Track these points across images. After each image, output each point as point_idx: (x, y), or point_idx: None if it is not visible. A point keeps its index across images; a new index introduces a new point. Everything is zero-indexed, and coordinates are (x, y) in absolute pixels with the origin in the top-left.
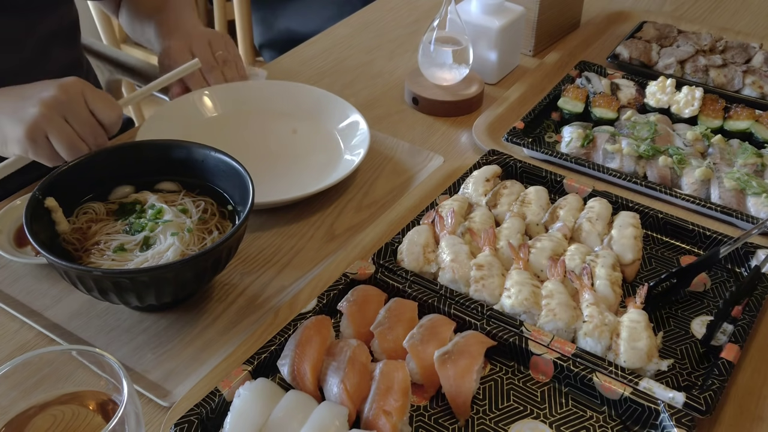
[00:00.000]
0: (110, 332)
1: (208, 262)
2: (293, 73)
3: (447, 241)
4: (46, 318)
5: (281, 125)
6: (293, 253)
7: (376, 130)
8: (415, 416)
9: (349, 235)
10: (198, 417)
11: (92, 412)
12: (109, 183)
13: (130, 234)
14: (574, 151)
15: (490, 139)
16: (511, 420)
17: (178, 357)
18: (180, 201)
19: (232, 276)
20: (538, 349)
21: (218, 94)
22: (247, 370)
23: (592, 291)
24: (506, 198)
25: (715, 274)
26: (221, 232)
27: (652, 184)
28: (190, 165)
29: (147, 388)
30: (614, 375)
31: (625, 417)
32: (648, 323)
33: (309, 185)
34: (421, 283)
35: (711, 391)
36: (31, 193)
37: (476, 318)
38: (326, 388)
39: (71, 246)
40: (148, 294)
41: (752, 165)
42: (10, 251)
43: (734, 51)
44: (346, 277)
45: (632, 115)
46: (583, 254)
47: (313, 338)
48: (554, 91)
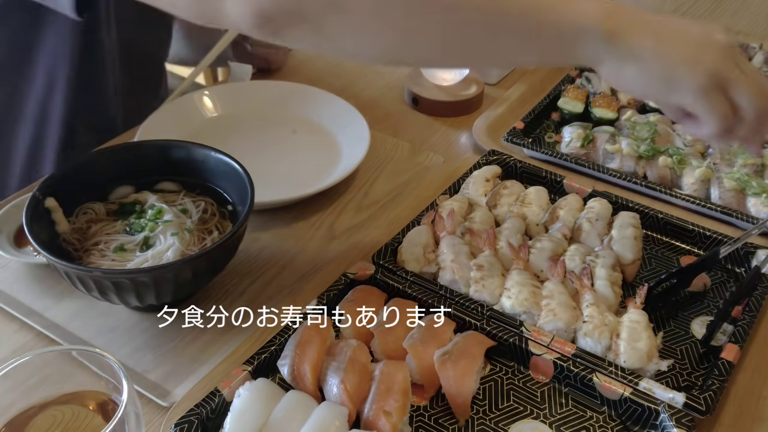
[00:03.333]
0: (110, 332)
1: (208, 262)
2: (293, 73)
3: (447, 242)
4: (46, 318)
5: (281, 125)
6: (293, 254)
7: (376, 130)
8: (415, 416)
9: (349, 235)
10: (198, 417)
11: (92, 412)
12: (109, 183)
13: (130, 234)
14: (574, 151)
15: (490, 140)
16: (511, 420)
17: (178, 357)
18: (180, 201)
19: (232, 276)
20: (538, 350)
21: (218, 94)
22: (247, 370)
23: (592, 291)
24: (506, 198)
25: (715, 274)
26: (221, 232)
27: (652, 185)
28: (190, 165)
29: (147, 388)
30: (614, 375)
31: (625, 417)
32: (648, 323)
33: (309, 185)
34: (421, 284)
35: (711, 391)
36: (31, 193)
37: (476, 318)
38: (326, 388)
39: (71, 246)
40: (148, 294)
41: (752, 165)
42: (10, 251)
43: None
44: (346, 277)
45: (632, 116)
46: (583, 254)
47: (313, 338)
48: (554, 92)
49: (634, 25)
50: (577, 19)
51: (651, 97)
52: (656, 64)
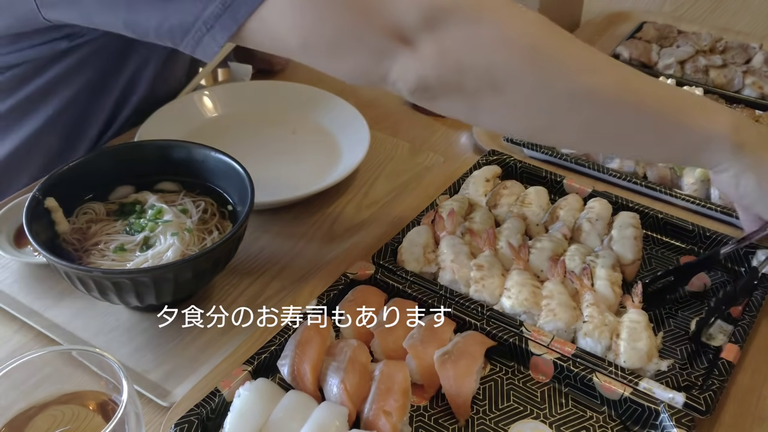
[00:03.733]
0: (110, 332)
1: (208, 262)
2: (293, 73)
3: (447, 242)
4: (46, 318)
5: (281, 125)
6: (293, 253)
7: (376, 130)
8: (415, 416)
9: (349, 235)
10: (198, 417)
11: (92, 412)
12: (109, 183)
13: (130, 234)
14: (574, 151)
15: (490, 140)
16: (511, 420)
17: (178, 357)
18: (180, 201)
19: (232, 276)
20: (538, 350)
21: (218, 94)
22: (247, 370)
23: (592, 291)
24: (506, 198)
25: (714, 274)
26: (221, 232)
27: (652, 185)
28: (190, 165)
29: (147, 388)
30: (614, 375)
31: (625, 417)
32: (648, 323)
33: (309, 185)
34: (421, 284)
35: (711, 391)
36: (31, 193)
37: (476, 318)
38: (326, 388)
39: (71, 246)
40: (148, 294)
41: None
42: (10, 251)
43: (734, 51)
44: (346, 277)
45: None
46: (583, 254)
47: (313, 338)
48: None
49: (762, 139)
50: (711, 126)
51: (758, 207)
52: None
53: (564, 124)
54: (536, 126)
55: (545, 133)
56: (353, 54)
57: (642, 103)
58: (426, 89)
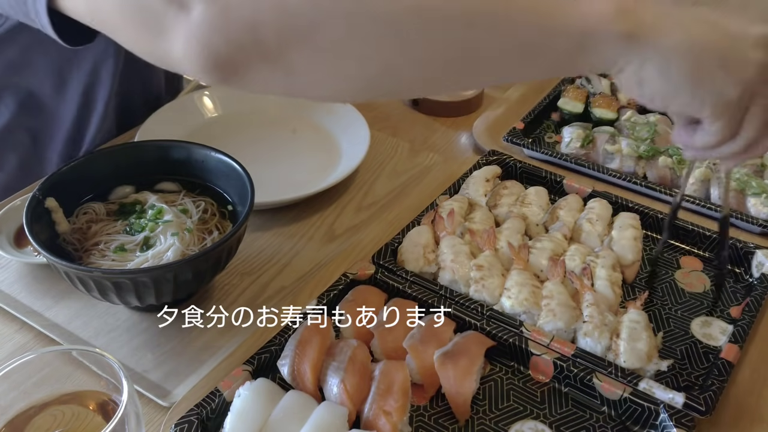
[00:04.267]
0: (110, 332)
1: (208, 262)
2: None
3: (447, 242)
4: (46, 318)
5: (281, 125)
6: (293, 253)
7: (376, 130)
8: (415, 416)
9: (349, 235)
10: (198, 417)
11: (92, 412)
12: (109, 183)
13: (131, 234)
14: (574, 151)
15: (490, 140)
16: (511, 420)
17: (178, 357)
18: (180, 201)
19: (232, 276)
20: (537, 350)
21: (218, 94)
22: (247, 370)
23: (592, 291)
24: (506, 198)
25: (714, 273)
26: (221, 232)
27: (652, 185)
28: (191, 165)
29: (147, 388)
30: (614, 375)
31: (625, 417)
32: (648, 323)
33: (309, 185)
34: (421, 284)
35: (711, 391)
36: (31, 193)
37: (476, 318)
38: (326, 388)
39: (71, 246)
40: (148, 294)
41: (752, 165)
42: (10, 251)
43: None
44: (346, 277)
45: (632, 116)
46: (583, 255)
47: (313, 338)
48: (554, 92)
49: (659, 19)
50: (585, 19)
51: (674, 105)
52: (687, 63)
53: (400, 61)
54: (369, 74)
55: (384, 80)
56: (133, 25)
57: (485, 8)
58: (221, 63)
